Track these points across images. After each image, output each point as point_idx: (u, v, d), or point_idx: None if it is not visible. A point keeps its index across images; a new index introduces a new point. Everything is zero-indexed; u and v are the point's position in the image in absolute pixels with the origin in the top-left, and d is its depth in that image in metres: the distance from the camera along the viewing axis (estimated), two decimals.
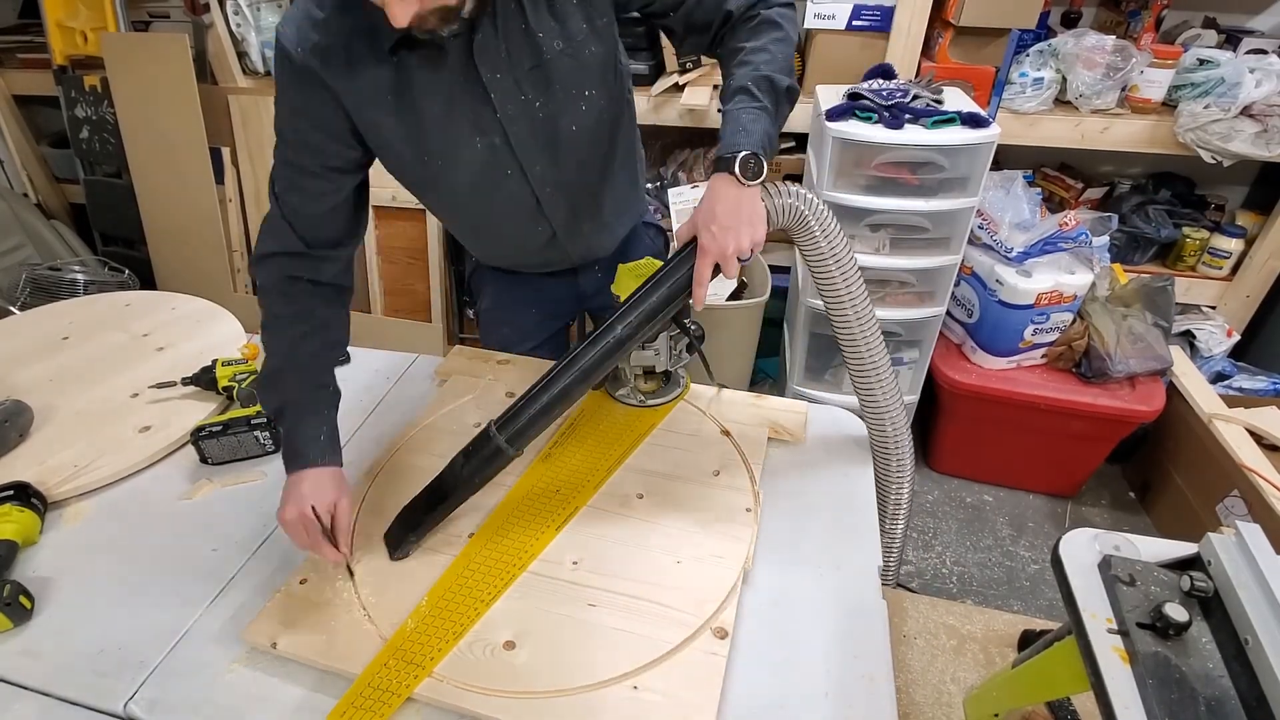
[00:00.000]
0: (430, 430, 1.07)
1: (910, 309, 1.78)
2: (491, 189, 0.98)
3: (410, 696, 0.71)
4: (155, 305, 1.42)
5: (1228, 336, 2.00)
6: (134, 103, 2.22)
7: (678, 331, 1.05)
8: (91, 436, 1.06)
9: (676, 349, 1.08)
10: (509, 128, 0.91)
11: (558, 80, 0.89)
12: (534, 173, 0.96)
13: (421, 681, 0.72)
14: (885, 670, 0.77)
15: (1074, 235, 1.74)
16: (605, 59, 0.93)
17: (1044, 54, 1.83)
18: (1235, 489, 1.64)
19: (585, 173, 1.02)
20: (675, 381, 1.13)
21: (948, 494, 2.07)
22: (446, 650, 0.75)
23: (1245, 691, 0.62)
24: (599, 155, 1.02)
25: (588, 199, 1.06)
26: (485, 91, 0.87)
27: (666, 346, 1.06)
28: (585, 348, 0.84)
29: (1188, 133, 1.75)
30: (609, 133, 1.01)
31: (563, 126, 0.93)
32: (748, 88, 0.84)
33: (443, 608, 0.79)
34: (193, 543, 0.92)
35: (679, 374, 1.13)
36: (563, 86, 0.90)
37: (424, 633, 0.76)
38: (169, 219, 2.36)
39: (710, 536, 0.88)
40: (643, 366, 1.08)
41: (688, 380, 1.15)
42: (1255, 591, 0.64)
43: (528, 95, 0.89)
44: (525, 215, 1.03)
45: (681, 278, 0.83)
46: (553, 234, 1.07)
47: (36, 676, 0.76)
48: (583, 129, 0.95)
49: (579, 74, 0.91)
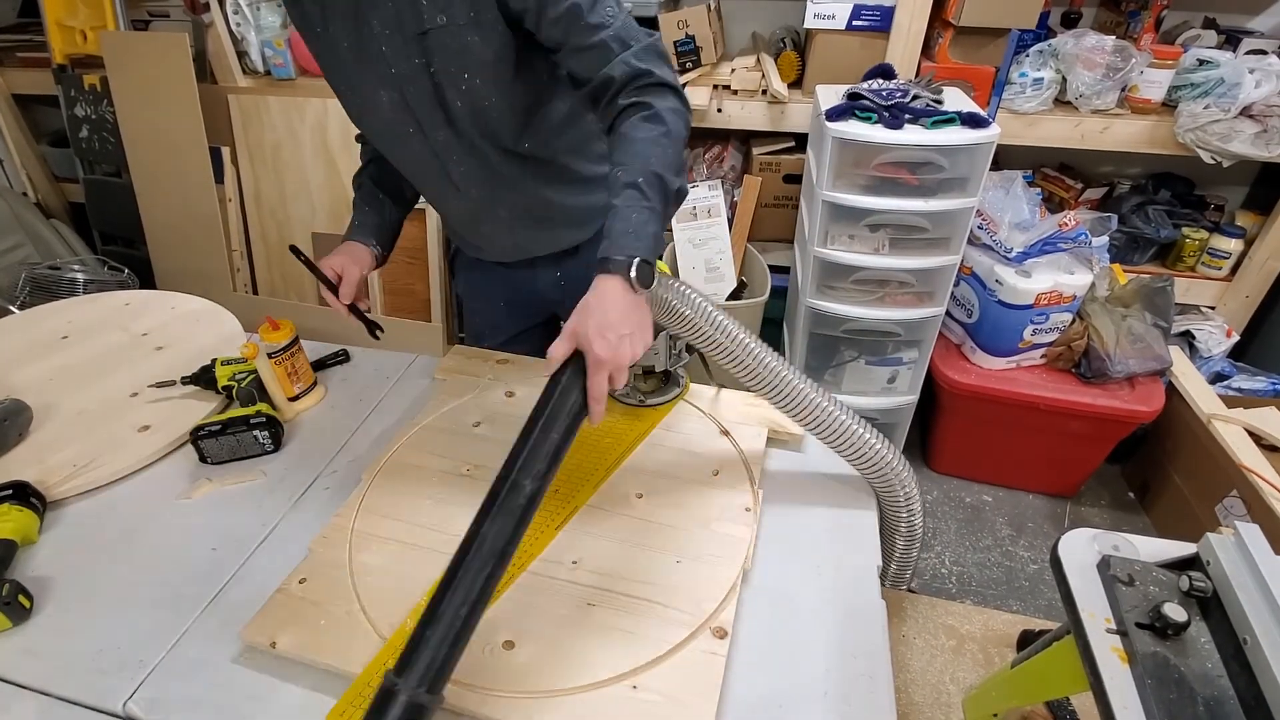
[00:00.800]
0: (430, 430, 1.07)
1: (910, 309, 1.78)
2: (399, 142, 1.02)
3: None
4: (155, 304, 1.42)
5: (1227, 337, 2.00)
6: (134, 102, 2.22)
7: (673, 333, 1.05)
8: (91, 436, 1.06)
9: (676, 349, 1.08)
10: (404, 86, 0.93)
11: (439, 53, 0.89)
12: (435, 137, 0.98)
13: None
14: (884, 670, 0.77)
15: (1073, 235, 1.74)
16: (495, 54, 0.90)
17: (1044, 54, 1.83)
18: (1234, 489, 1.64)
19: (494, 157, 1.01)
20: (675, 381, 1.13)
21: (947, 494, 2.07)
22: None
23: (1244, 691, 0.62)
24: (503, 145, 1.00)
25: (505, 187, 1.06)
26: (379, 46, 0.89)
27: (666, 346, 1.06)
28: (489, 521, 0.67)
29: (1187, 133, 1.75)
30: (515, 127, 0.99)
31: (449, 100, 0.94)
32: (639, 185, 0.80)
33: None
34: (192, 542, 0.92)
35: (678, 374, 1.13)
36: (444, 61, 0.90)
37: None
38: (169, 218, 2.36)
39: (710, 536, 0.88)
40: (643, 366, 1.08)
41: (687, 380, 1.15)
42: (1254, 592, 0.65)
43: (419, 60, 0.90)
44: (435, 178, 1.05)
45: (575, 401, 0.74)
46: (475, 212, 1.10)
47: (36, 676, 0.76)
48: (474, 110, 0.95)
49: (460, 56, 0.90)
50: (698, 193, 2.06)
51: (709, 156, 2.23)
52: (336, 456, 1.07)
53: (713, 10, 2.00)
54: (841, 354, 1.95)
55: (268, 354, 1.08)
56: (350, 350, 1.29)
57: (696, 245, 2.04)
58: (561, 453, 0.72)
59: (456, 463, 1.00)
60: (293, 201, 2.35)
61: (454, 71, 0.91)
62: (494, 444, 1.04)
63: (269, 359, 1.08)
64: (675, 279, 0.85)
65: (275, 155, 2.30)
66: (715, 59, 2.02)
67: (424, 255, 2.29)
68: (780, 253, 2.18)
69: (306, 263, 1.05)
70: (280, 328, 1.11)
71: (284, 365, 1.11)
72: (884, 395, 1.94)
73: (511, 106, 0.96)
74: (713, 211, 2.06)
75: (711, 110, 1.99)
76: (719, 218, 2.06)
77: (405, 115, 0.96)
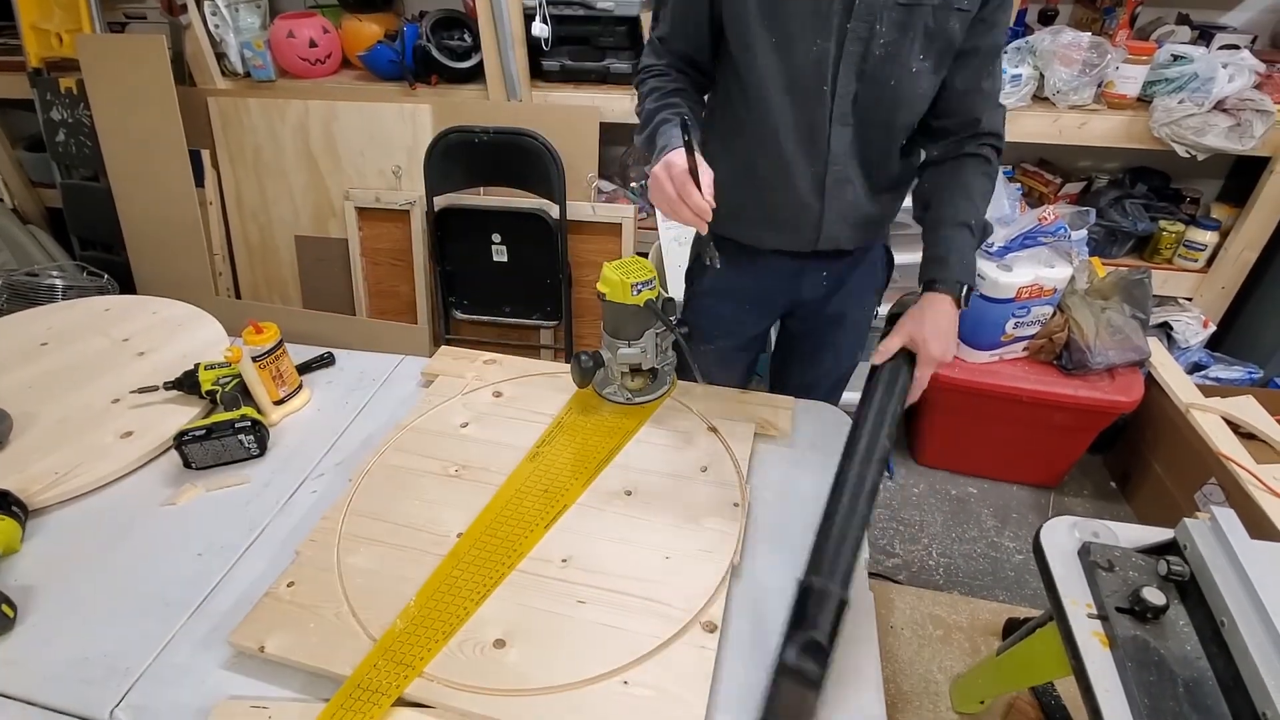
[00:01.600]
0: (417, 432, 1.07)
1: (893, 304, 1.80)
2: (797, 97, 0.97)
3: (400, 697, 0.71)
4: (135, 310, 1.40)
5: (1204, 327, 2.04)
6: (111, 105, 2.19)
7: (663, 329, 1.05)
8: (72, 443, 1.05)
9: (663, 346, 1.08)
10: (847, 44, 0.91)
11: (911, 31, 0.90)
12: (840, 104, 0.96)
13: (411, 681, 0.72)
14: (873, 661, 0.77)
15: (1053, 230, 1.76)
16: (952, 41, 0.93)
17: (1021, 51, 1.85)
18: (1213, 476, 1.67)
19: (882, 141, 1.02)
20: (662, 379, 1.13)
21: (933, 487, 2.09)
22: (436, 650, 0.75)
23: (1222, 672, 0.63)
24: (896, 136, 1.03)
25: (869, 169, 1.04)
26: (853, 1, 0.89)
27: (653, 344, 1.07)
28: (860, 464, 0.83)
29: (1162, 128, 1.78)
30: (911, 117, 1.01)
31: (885, 76, 0.93)
32: (972, 226, 0.98)
33: (431, 607, 0.79)
34: (178, 548, 0.91)
35: (666, 371, 1.14)
36: (911, 41, 0.91)
37: (413, 633, 0.76)
38: (148, 222, 2.33)
39: (698, 532, 0.89)
40: (629, 364, 1.09)
41: (674, 377, 1.16)
42: (1230, 574, 0.66)
43: (880, 27, 0.90)
44: (806, 141, 1.00)
45: (903, 385, 0.91)
46: (821, 188, 1.04)
47: (20, 685, 0.75)
48: (902, 97, 0.96)
49: (927, 40, 0.92)
50: None
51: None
52: (323, 459, 1.06)
53: None
54: None
55: (252, 358, 1.08)
56: (335, 353, 1.29)
57: (683, 244, 2.04)
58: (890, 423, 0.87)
59: (444, 463, 1.00)
60: (274, 204, 2.33)
61: (913, 51, 0.92)
62: (482, 444, 1.04)
63: (253, 362, 1.08)
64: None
65: (256, 157, 2.28)
66: None
67: (409, 257, 2.28)
68: None
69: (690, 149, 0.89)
70: (264, 331, 1.10)
71: (268, 369, 1.10)
72: None
73: (924, 95, 0.98)
74: None
75: None
76: None
77: (824, 72, 0.94)
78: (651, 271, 1.02)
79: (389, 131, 2.17)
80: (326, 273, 2.38)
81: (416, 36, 2.11)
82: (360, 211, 2.25)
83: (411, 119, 2.15)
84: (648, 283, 1.01)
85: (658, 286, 1.03)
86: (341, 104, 2.18)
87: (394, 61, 2.15)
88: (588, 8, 1.96)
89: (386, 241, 2.30)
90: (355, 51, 2.23)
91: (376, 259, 2.33)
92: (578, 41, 2.05)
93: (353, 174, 2.24)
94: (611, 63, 2.06)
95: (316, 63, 2.23)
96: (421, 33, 2.10)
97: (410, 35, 2.11)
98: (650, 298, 1.02)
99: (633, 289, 1.00)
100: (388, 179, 2.23)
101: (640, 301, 1.01)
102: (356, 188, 2.25)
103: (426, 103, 2.14)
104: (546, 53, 2.05)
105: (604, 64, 2.06)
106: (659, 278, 1.03)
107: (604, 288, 1.03)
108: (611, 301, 1.02)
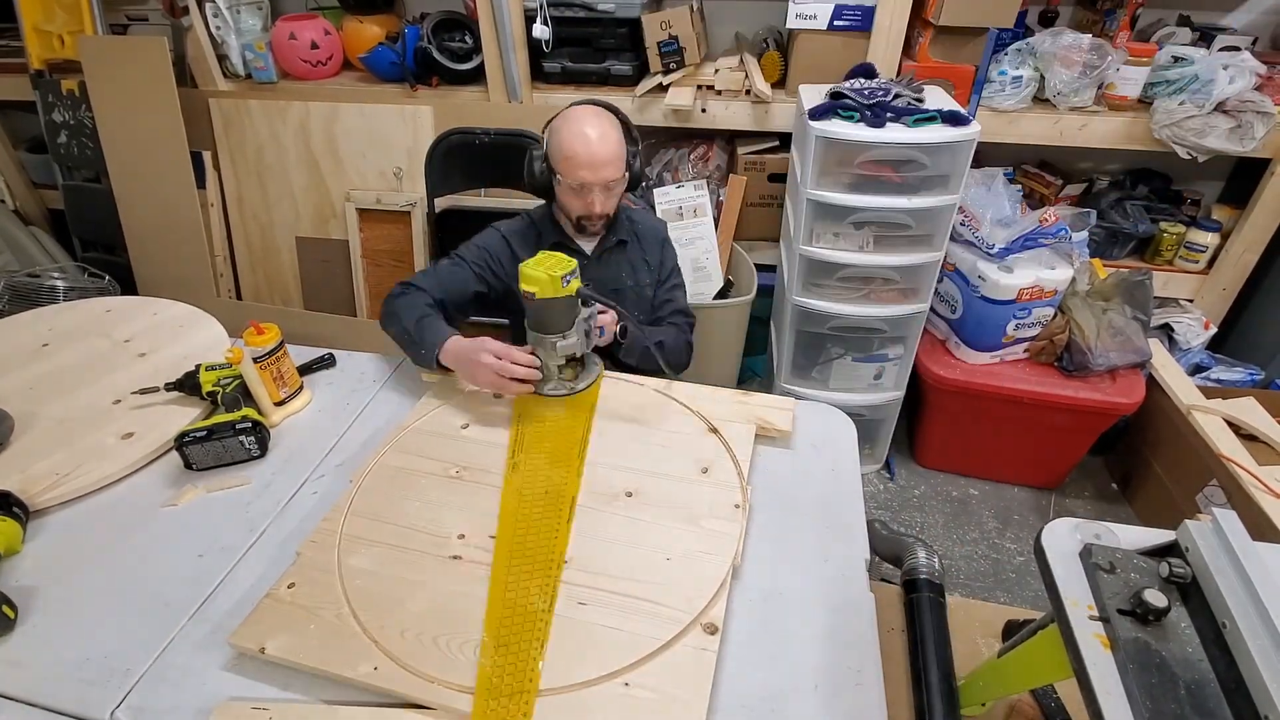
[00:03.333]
0: (417, 433, 1.07)
1: (894, 306, 1.80)
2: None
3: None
4: (137, 311, 1.41)
5: (1205, 329, 2.03)
6: (113, 107, 2.20)
7: (588, 315, 1.08)
8: (73, 444, 1.05)
9: (590, 331, 1.10)
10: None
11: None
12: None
13: (534, 703, 0.70)
14: (873, 662, 0.77)
15: (1054, 231, 1.76)
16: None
17: (1022, 53, 1.85)
18: (1214, 478, 1.67)
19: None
20: (590, 363, 1.17)
21: (934, 488, 2.09)
22: (537, 666, 0.73)
23: (1224, 674, 0.63)
24: None
25: None
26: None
27: (583, 330, 1.09)
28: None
29: (1163, 129, 1.78)
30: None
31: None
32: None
33: (507, 632, 0.77)
34: (178, 549, 0.91)
35: (591, 357, 1.17)
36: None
37: (504, 662, 0.74)
38: (149, 224, 2.33)
39: (699, 533, 0.89)
40: (566, 356, 1.10)
41: (601, 362, 1.20)
42: (1232, 577, 0.66)
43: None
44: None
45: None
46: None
47: (21, 686, 0.75)
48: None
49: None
50: (684, 193, 2.07)
51: (694, 156, 2.23)
52: (324, 460, 1.06)
53: (695, 11, 2.00)
54: (828, 351, 1.96)
55: (253, 359, 1.08)
56: (336, 354, 1.29)
57: (683, 245, 2.04)
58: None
59: (445, 465, 1.00)
60: (276, 206, 2.33)
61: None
62: (482, 445, 1.04)
63: (254, 364, 1.08)
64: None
65: (258, 159, 2.28)
66: (699, 59, 2.03)
67: (410, 258, 2.28)
68: (766, 251, 2.19)
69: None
70: (265, 332, 1.10)
71: (269, 370, 1.10)
72: (870, 391, 1.96)
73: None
74: (699, 211, 2.07)
75: (696, 110, 2.00)
76: (705, 217, 2.07)
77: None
78: (572, 262, 1.03)
79: (390, 133, 2.18)
80: (327, 274, 2.38)
81: (417, 38, 2.11)
82: (361, 213, 2.25)
83: (412, 120, 2.15)
84: (573, 272, 1.03)
85: (579, 275, 1.04)
86: (343, 105, 2.18)
87: (395, 63, 2.15)
88: (589, 10, 1.97)
89: (387, 243, 2.30)
90: (356, 53, 2.23)
91: (377, 260, 2.33)
92: (578, 43, 2.05)
93: (354, 175, 2.25)
94: (612, 64, 2.06)
95: (318, 64, 2.23)
96: (423, 34, 2.11)
97: (411, 37, 2.11)
98: (579, 286, 1.04)
99: (562, 281, 1.01)
100: (389, 180, 2.23)
101: (572, 291, 1.03)
102: (357, 189, 2.25)
103: (427, 104, 2.14)
104: (547, 54, 2.05)
105: (605, 66, 2.06)
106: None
107: (531, 286, 1.02)
108: (541, 298, 1.02)
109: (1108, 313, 1.85)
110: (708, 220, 2.07)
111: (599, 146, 1.18)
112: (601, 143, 1.18)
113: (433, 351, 1.12)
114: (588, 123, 1.19)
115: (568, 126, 1.20)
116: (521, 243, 1.33)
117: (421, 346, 1.13)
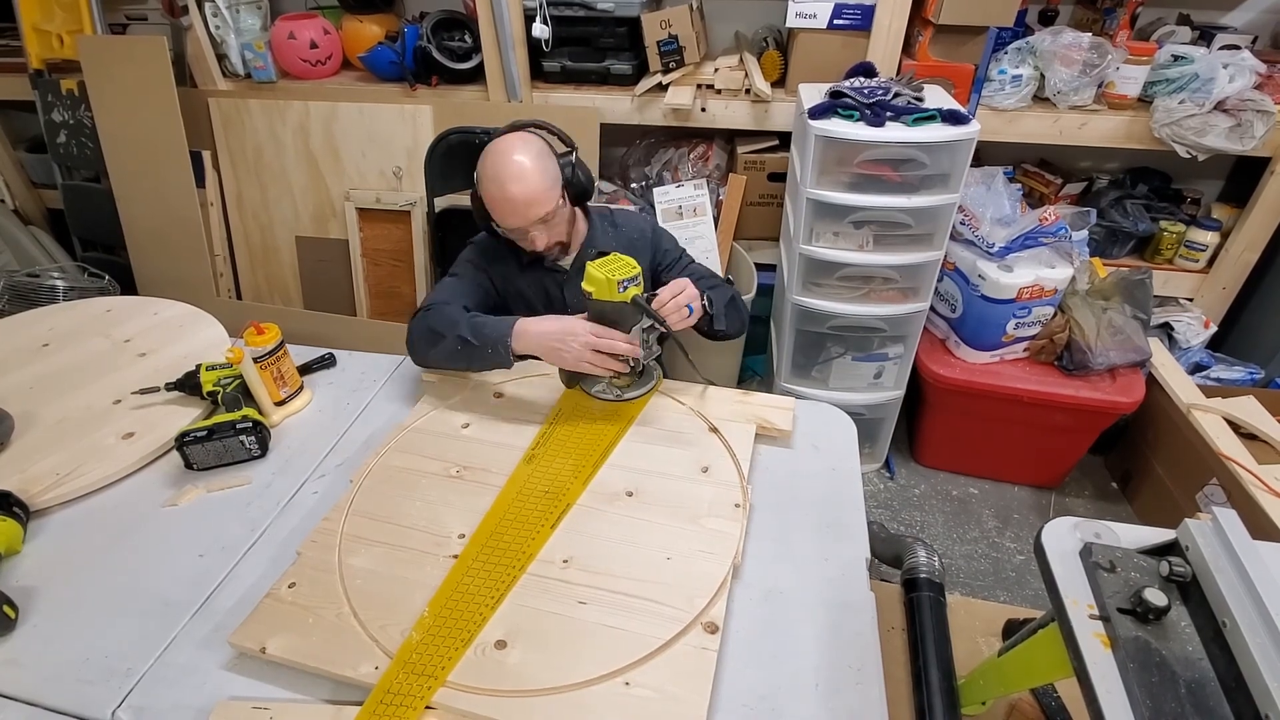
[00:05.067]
0: (418, 432, 1.07)
1: (894, 305, 1.80)
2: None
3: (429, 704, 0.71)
4: (137, 311, 1.41)
5: (1205, 328, 2.03)
6: (112, 106, 2.19)
7: (649, 325, 1.06)
8: (74, 443, 1.05)
9: (649, 341, 1.09)
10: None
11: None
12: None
13: (435, 692, 0.71)
14: (874, 661, 0.77)
15: (1054, 230, 1.76)
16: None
17: (1022, 51, 1.85)
18: (1214, 477, 1.67)
19: None
20: (649, 375, 1.14)
21: (934, 487, 2.09)
22: (457, 658, 0.74)
23: (1224, 673, 0.63)
24: None
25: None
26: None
27: (640, 340, 1.07)
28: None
29: (1163, 128, 1.78)
30: None
31: None
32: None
33: (446, 616, 0.78)
34: (179, 549, 0.91)
35: (651, 367, 1.14)
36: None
37: (430, 643, 0.75)
38: (149, 223, 2.33)
39: (700, 532, 0.89)
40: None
41: (660, 372, 1.16)
42: (1232, 575, 0.66)
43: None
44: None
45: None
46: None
47: (22, 686, 0.75)
48: None
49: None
50: (683, 192, 2.07)
51: (694, 156, 2.23)
52: (324, 460, 1.06)
53: (695, 10, 2.00)
54: (828, 350, 1.96)
55: (253, 359, 1.08)
56: (336, 353, 1.29)
57: (683, 244, 2.04)
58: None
59: (445, 464, 1.00)
60: (275, 205, 2.33)
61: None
62: (483, 445, 1.04)
63: (254, 363, 1.08)
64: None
65: (257, 158, 2.28)
66: (698, 59, 2.03)
67: (409, 258, 2.28)
68: (766, 250, 2.19)
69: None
70: (265, 332, 1.10)
71: (270, 370, 1.10)
72: (871, 391, 1.96)
73: None
74: (699, 210, 2.07)
75: (696, 110, 1.99)
76: (705, 216, 2.07)
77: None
78: (636, 268, 1.02)
79: (389, 132, 2.18)
80: (327, 273, 2.38)
81: (417, 37, 2.11)
82: (361, 212, 2.25)
83: (412, 120, 2.15)
84: (633, 279, 1.02)
85: (642, 283, 1.03)
86: (342, 105, 2.18)
87: (394, 62, 2.15)
88: (588, 9, 1.97)
89: (387, 242, 2.30)
90: (356, 53, 2.23)
91: (377, 259, 2.33)
92: (578, 42, 2.05)
93: (353, 175, 2.25)
94: (612, 64, 2.06)
95: (317, 64, 2.23)
96: (422, 34, 2.11)
97: (411, 36, 2.11)
98: (637, 294, 1.02)
99: (619, 286, 1.01)
100: (388, 180, 2.23)
101: (627, 298, 1.02)
102: (357, 188, 2.25)
103: (427, 104, 2.14)
104: (547, 54, 2.05)
105: (604, 65, 2.06)
106: (643, 274, 1.04)
107: (589, 286, 1.03)
108: (598, 300, 1.02)
109: (1108, 312, 1.85)
110: (707, 219, 2.07)
111: (518, 189, 1.08)
112: (520, 183, 1.08)
113: (504, 343, 1.05)
114: (502, 165, 1.10)
115: (484, 172, 1.13)
116: (494, 254, 1.27)
117: (487, 346, 1.06)
